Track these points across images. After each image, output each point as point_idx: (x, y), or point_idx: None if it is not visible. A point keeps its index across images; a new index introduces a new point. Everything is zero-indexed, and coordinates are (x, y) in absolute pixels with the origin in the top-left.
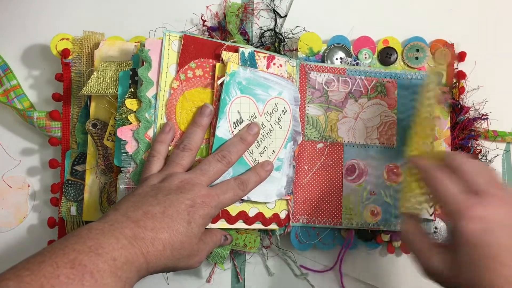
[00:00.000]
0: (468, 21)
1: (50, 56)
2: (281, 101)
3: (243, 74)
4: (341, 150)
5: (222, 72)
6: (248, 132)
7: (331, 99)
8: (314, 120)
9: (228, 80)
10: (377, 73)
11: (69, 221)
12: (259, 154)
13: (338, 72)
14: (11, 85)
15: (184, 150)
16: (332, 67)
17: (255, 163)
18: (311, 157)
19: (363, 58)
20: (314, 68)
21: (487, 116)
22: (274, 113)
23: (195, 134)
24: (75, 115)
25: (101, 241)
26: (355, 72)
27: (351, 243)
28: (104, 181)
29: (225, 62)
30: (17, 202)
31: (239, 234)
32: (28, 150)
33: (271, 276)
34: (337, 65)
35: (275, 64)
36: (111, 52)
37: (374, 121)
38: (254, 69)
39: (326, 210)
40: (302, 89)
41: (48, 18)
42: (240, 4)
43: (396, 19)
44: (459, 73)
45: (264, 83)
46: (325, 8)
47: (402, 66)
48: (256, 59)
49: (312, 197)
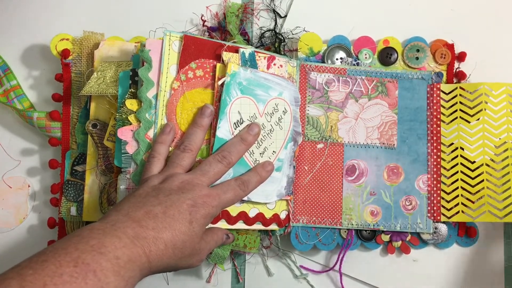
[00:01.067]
0: (469, 21)
1: (50, 56)
2: (281, 101)
3: (244, 75)
4: (341, 150)
5: (222, 72)
6: (248, 133)
7: (331, 99)
8: (315, 120)
9: (228, 80)
10: (377, 73)
11: (69, 221)
12: (260, 155)
13: (339, 72)
14: (11, 85)
15: (184, 151)
16: (333, 67)
17: (255, 164)
18: (311, 157)
19: (364, 58)
20: (314, 69)
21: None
22: (274, 114)
23: (195, 135)
24: (75, 116)
25: (104, 240)
26: (356, 72)
27: (351, 243)
28: (104, 182)
29: (225, 62)
30: (17, 203)
31: (239, 235)
32: (28, 151)
33: (271, 276)
34: (337, 65)
35: (276, 65)
36: (111, 52)
37: (374, 121)
38: (255, 69)
39: (326, 210)
40: (302, 90)
41: (48, 18)
42: (240, 4)
43: (396, 19)
44: (460, 73)
45: (265, 83)
46: (325, 8)
47: (402, 66)
48: (257, 60)
49: (312, 197)
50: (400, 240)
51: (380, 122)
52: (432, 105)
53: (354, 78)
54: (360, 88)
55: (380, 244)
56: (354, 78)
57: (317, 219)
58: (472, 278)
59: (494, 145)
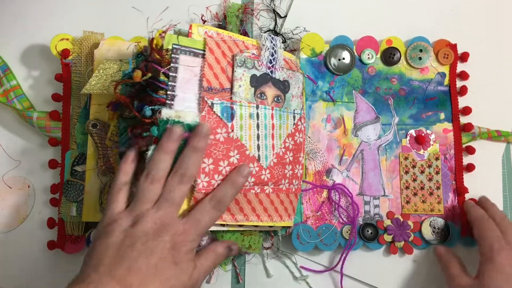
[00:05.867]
0: (472, 21)
1: (50, 56)
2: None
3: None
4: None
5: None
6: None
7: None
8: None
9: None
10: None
11: (69, 221)
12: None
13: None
14: (11, 86)
15: (152, 183)
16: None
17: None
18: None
19: (366, 58)
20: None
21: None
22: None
23: (163, 163)
24: (75, 116)
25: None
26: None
27: (354, 244)
28: (104, 182)
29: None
30: (17, 203)
31: (244, 236)
32: (28, 151)
33: (270, 278)
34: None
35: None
36: (111, 52)
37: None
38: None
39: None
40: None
41: (48, 18)
42: (240, 5)
43: (399, 19)
44: (462, 74)
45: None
46: (325, 8)
47: (405, 66)
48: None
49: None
50: (402, 240)
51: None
52: None
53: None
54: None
55: (382, 244)
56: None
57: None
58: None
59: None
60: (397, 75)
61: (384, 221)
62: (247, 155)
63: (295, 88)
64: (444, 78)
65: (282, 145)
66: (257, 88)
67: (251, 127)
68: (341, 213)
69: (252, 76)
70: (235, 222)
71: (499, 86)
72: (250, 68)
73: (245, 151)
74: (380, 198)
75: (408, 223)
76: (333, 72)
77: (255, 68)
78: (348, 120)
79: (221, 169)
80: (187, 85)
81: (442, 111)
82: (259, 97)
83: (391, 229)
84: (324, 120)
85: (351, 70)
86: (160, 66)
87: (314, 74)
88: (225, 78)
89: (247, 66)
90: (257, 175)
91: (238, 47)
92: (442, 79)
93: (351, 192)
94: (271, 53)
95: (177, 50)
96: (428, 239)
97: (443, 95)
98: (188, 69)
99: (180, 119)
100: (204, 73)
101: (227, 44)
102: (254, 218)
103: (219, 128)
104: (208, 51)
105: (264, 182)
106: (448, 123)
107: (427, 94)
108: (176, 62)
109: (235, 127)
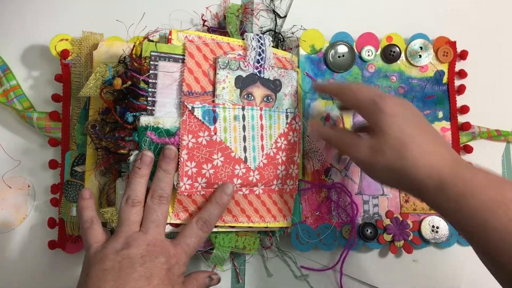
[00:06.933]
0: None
1: (49, 56)
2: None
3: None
4: None
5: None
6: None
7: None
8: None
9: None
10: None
11: (69, 221)
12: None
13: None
14: (10, 86)
15: (134, 206)
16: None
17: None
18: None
19: (366, 55)
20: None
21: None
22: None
23: (139, 185)
24: (74, 116)
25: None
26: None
27: (354, 243)
28: (103, 183)
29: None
30: (17, 203)
31: (238, 237)
32: (28, 151)
33: (270, 277)
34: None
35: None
36: (110, 52)
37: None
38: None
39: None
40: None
41: (48, 18)
42: (240, 5)
43: (400, 16)
44: (461, 72)
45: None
46: (325, 8)
47: (405, 64)
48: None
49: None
50: (402, 240)
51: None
52: None
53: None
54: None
55: (382, 244)
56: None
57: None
58: (473, 278)
59: None
60: (396, 72)
61: (383, 220)
62: (232, 157)
63: (288, 87)
64: (443, 76)
65: (273, 145)
66: (243, 89)
67: (236, 129)
68: (340, 213)
69: (237, 77)
70: (223, 224)
71: (500, 85)
72: (234, 70)
73: (230, 153)
74: (379, 197)
75: (408, 222)
76: (332, 69)
77: (241, 69)
78: (347, 119)
79: (205, 172)
80: (167, 90)
81: (440, 110)
82: (246, 98)
83: (391, 229)
84: (323, 118)
85: (351, 67)
86: (139, 74)
87: (314, 71)
88: (207, 81)
89: (231, 67)
90: (244, 177)
91: (222, 49)
92: (441, 77)
93: (350, 192)
94: (258, 53)
95: (156, 57)
96: (427, 238)
97: (441, 93)
98: (168, 75)
99: (159, 125)
100: (184, 77)
101: (209, 47)
102: (244, 219)
103: (201, 132)
104: (188, 55)
105: (252, 183)
106: (446, 122)
107: (425, 93)
108: (155, 69)
109: (218, 130)
